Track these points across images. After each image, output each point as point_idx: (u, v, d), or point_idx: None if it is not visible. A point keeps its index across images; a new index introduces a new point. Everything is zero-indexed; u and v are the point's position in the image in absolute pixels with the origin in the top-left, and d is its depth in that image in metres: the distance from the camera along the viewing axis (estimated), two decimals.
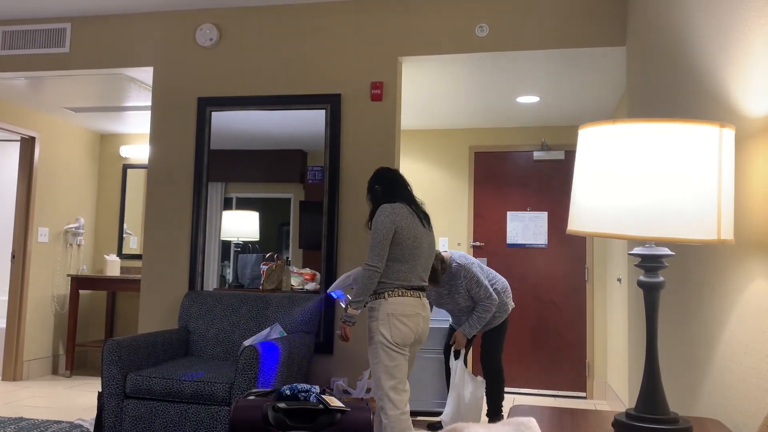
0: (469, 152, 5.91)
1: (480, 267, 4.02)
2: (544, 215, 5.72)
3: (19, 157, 5.71)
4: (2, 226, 6.40)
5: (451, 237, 5.87)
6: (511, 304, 4.14)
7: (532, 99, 4.89)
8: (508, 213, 5.79)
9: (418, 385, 4.46)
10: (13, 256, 5.60)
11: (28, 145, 5.68)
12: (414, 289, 2.93)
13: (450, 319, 4.30)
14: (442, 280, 3.97)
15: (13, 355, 5.50)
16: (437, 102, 5.04)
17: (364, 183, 3.95)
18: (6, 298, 5.79)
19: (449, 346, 4.15)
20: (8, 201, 6.30)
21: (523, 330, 5.67)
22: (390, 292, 2.87)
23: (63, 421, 4.32)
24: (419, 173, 6.00)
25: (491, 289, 3.94)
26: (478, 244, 5.80)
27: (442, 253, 3.99)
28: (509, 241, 5.76)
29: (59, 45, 4.43)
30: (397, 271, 2.89)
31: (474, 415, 3.69)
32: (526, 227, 5.74)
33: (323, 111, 4.03)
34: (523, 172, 5.80)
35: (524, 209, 5.76)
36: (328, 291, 3.25)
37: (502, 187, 5.83)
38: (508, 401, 5.26)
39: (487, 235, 5.81)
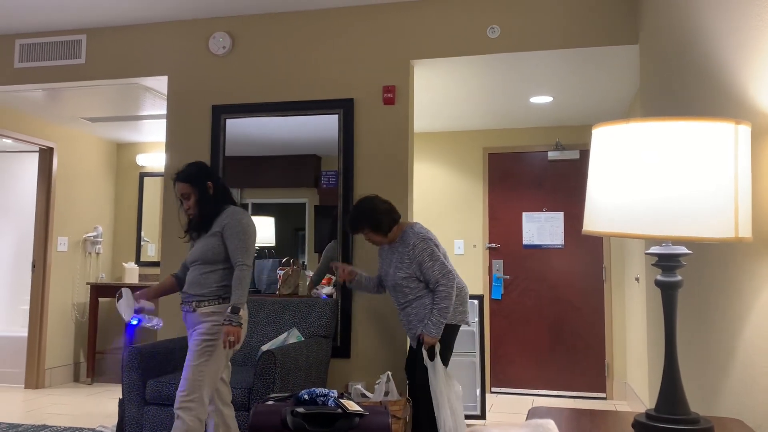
0: (483, 154, 5.90)
1: (441, 250, 3.40)
2: (560, 215, 5.69)
3: (38, 168, 5.79)
4: (23, 236, 6.49)
5: (467, 239, 5.86)
6: (469, 318, 3.58)
7: (545, 99, 4.87)
8: (524, 214, 5.76)
9: None
10: (33, 266, 5.67)
11: (46, 156, 5.75)
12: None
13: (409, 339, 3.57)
14: (395, 243, 3.41)
15: (35, 363, 5.57)
16: (450, 104, 5.04)
17: (378, 187, 3.96)
18: (27, 307, 5.87)
19: (411, 361, 3.46)
20: (28, 211, 6.39)
21: (541, 331, 5.64)
22: (229, 297, 2.88)
23: (85, 428, 4.38)
24: (433, 176, 5.99)
25: (449, 268, 3.29)
26: (493, 245, 5.79)
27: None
28: (525, 242, 5.73)
29: (75, 56, 4.49)
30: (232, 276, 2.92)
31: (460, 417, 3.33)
32: (542, 228, 5.72)
33: (336, 116, 4.05)
34: (538, 173, 5.78)
35: (540, 210, 5.73)
36: (129, 323, 3.07)
37: (517, 188, 5.81)
38: (527, 403, 5.23)
39: (503, 236, 5.79)
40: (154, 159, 6.46)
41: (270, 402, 2.33)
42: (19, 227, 6.54)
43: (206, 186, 2.91)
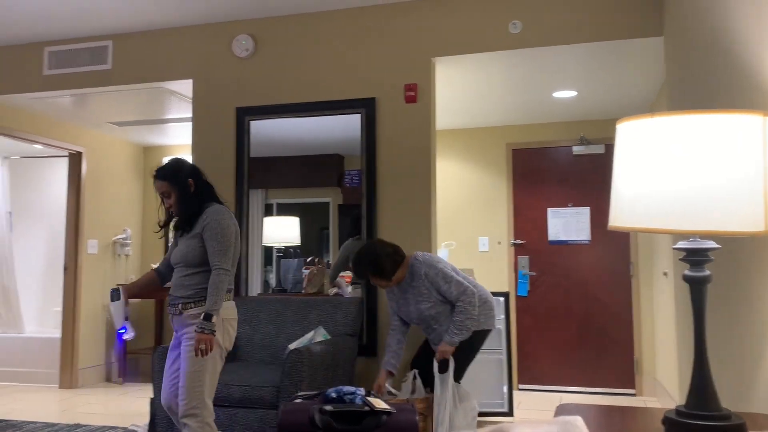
0: (507, 149, 5.87)
1: (449, 268, 3.43)
2: (586, 210, 5.63)
3: (68, 172, 5.91)
4: (54, 239, 6.63)
5: (491, 236, 5.84)
6: (495, 324, 3.57)
7: (569, 93, 4.83)
8: (549, 210, 5.72)
9: (481, 386, 4.40)
10: (65, 269, 5.79)
11: (75, 160, 5.87)
12: (231, 293, 2.85)
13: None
14: (405, 281, 3.41)
15: (68, 363, 5.68)
16: (472, 101, 5.02)
17: (401, 185, 3.96)
18: (60, 309, 5.99)
19: (418, 359, 3.58)
20: (59, 215, 6.52)
21: (568, 327, 5.60)
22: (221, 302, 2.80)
23: (118, 427, 4.46)
24: (456, 173, 5.98)
25: (466, 282, 3.34)
26: (519, 242, 5.76)
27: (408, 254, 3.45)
28: (551, 238, 5.69)
29: (102, 62, 4.57)
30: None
31: None
32: (567, 223, 5.67)
33: (359, 115, 4.06)
34: (563, 168, 5.73)
35: (565, 205, 5.69)
36: (121, 330, 2.99)
37: (542, 183, 5.77)
38: (555, 400, 5.20)
39: (528, 232, 5.76)
40: None
41: (298, 400, 2.35)
42: (50, 231, 6.68)
43: (186, 183, 2.81)
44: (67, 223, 5.83)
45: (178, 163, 2.86)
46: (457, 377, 3.36)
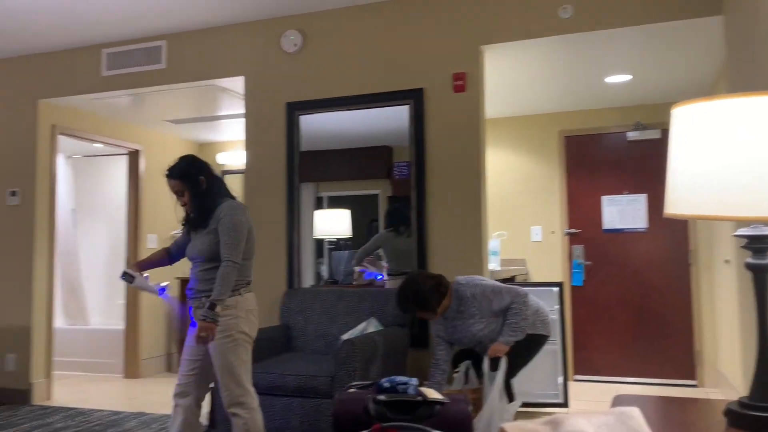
0: (559, 137, 5.76)
1: (492, 282, 3.39)
2: (643, 197, 5.49)
3: (127, 169, 6.12)
4: (116, 234, 6.88)
5: (544, 226, 5.75)
6: (551, 330, 3.53)
7: (623, 78, 4.70)
8: (603, 197, 5.60)
9: (535, 377, 4.36)
10: (127, 263, 6.01)
11: (134, 158, 6.07)
12: (250, 284, 2.91)
13: None
14: (451, 308, 3.36)
15: (132, 354, 5.91)
16: (523, 88, 4.95)
17: (451, 176, 3.95)
18: (123, 302, 6.23)
19: (465, 352, 3.57)
20: (120, 211, 6.77)
21: (625, 317, 5.47)
22: (244, 288, 2.84)
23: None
24: (507, 162, 5.91)
25: (515, 288, 3.30)
26: (573, 231, 5.65)
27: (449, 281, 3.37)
28: (606, 226, 5.57)
29: (156, 62, 4.70)
30: (247, 267, 2.88)
31: None
32: (623, 211, 5.54)
33: (407, 106, 4.06)
34: (618, 154, 5.60)
35: (620, 192, 5.55)
36: (161, 290, 3.00)
37: (596, 170, 5.64)
38: (612, 391, 5.10)
39: (582, 221, 5.65)
40: (234, 157, 6.68)
41: (352, 390, 2.38)
42: (112, 226, 6.94)
43: (198, 181, 2.84)
44: (127, 218, 6.05)
45: (188, 162, 2.88)
46: (510, 376, 3.33)
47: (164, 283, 2.97)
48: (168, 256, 3.02)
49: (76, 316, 6.56)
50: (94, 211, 7.02)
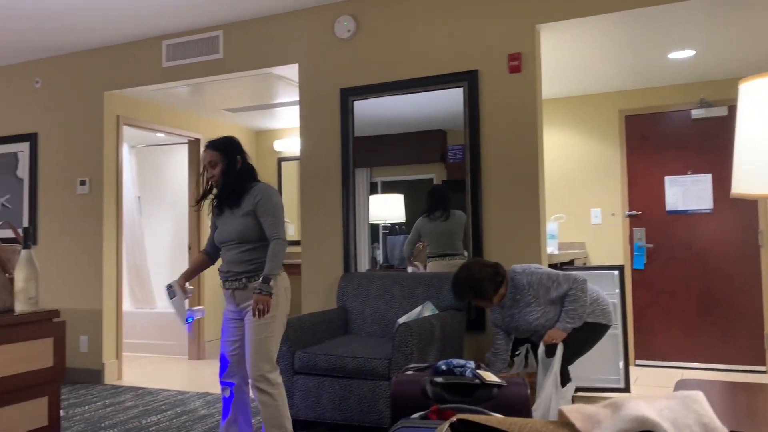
0: (619, 116, 5.60)
1: (547, 269, 3.38)
2: (708, 177, 5.29)
3: (188, 158, 6.30)
4: (178, 221, 7.11)
5: (604, 208, 5.62)
6: (612, 320, 3.46)
7: (686, 53, 4.52)
8: (666, 178, 5.42)
9: (595, 361, 4.29)
10: (189, 248, 6.20)
11: (194, 147, 6.24)
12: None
13: None
14: (507, 297, 3.34)
15: (196, 337, 6.12)
16: (580, 67, 4.83)
17: (507, 159, 3.90)
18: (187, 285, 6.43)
19: (525, 340, 3.53)
20: (182, 198, 6.98)
21: (689, 301, 5.31)
22: (280, 268, 2.91)
23: None
24: (565, 143, 5.79)
25: (573, 274, 3.26)
26: (634, 213, 5.51)
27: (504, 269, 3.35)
28: (669, 208, 5.40)
29: (214, 52, 4.81)
30: None
31: None
32: (687, 192, 5.35)
33: (461, 89, 4.03)
34: (681, 133, 5.40)
35: (684, 173, 5.37)
36: (187, 325, 3.05)
37: (658, 150, 5.47)
38: (675, 376, 4.97)
39: (644, 203, 5.49)
40: (290, 144, 6.78)
41: (409, 372, 2.41)
42: (174, 213, 7.17)
43: (235, 159, 2.93)
44: (189, 204, 6.23)
45: (231, 139, 3.00)
46: (567, 363, 3.30)
47: (198, 309, 3.06)
48: (208, 258, 3.12)
49: (142, 300, 6.83)
50: (158, 199, 7.27)
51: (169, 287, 2.98)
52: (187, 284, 3.05)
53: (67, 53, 5.44)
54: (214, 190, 3.01)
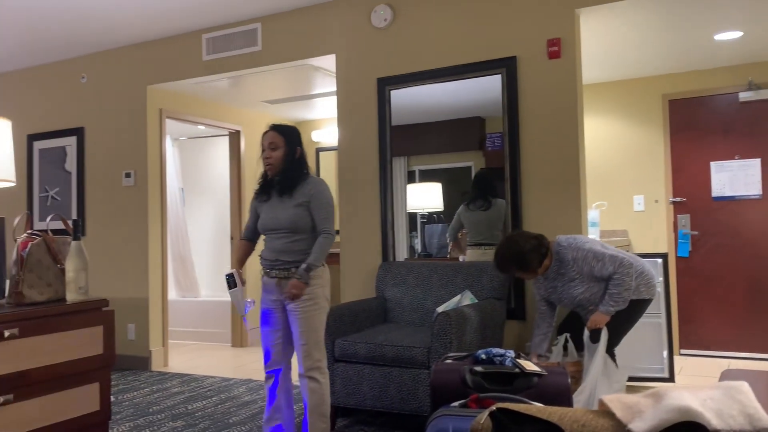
0: (663, 101, 5.46)
1: (597, 245, 3.28)
2: (757, 162, 5.13)
3: (229, 150, 6.40)
4: (220, 212, 7.24)
5: (647, 194, 5.51)
6: (655, 292, 3.38)
7: (733, 34, 4.38)
8: (712, 163, 5.28)
9: (639, 351, 4.24)
10: (231, 238, 6.32)
11: (234, 138, 6.33)
12: None
13: None
14: (551, 269, 3.30)
15: (238, 324, 6.24)
16: (621, 51, 4.72)
17: (546, 145, 3.85)
18: None
19: (567, 323, 3.51)
20: (223, 189, 7.10)
21: (736, 289, 5.17)
22: (324, 261, 2.92)
23: None
24: (606, 129, 5.68)
25: (620, 255, 3.17)
26: (678, 200, 5.38)
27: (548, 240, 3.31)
28: (715, 194, 5.26)
29: (253, 44, 4.86)
30: None
31: None
32: (734, 177, 5.20)
33: (499, 76, 3.99)
34: (728, 117, 5.24)
35: (731, 158, 5.21)
36: (244, 317, 3.04)
37: (703, 135, 5.32)
38: (721, 366, 4.86)
39: (689, 189, 5.36)
40: (328, 134, 6.82)
41: (449, 361, 2.42)
42: (217, 204, 7.30)
43: (295, 148, 2.94)
44: (230, 196, 6.34)
45: (294, 128, 3.03)
46: (612, 345, 3.27)
47: (251, 300, 3.03)
48: (250, 246, 3.13)
49: (187, 289, 6.99)
50: (200, 190, 7.41)
51: (230, 276, 2.94)
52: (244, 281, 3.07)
53: (111, 49, 5.58)
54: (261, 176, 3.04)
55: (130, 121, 5.46)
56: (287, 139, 2.92)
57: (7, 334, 2.19)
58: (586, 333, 3.20)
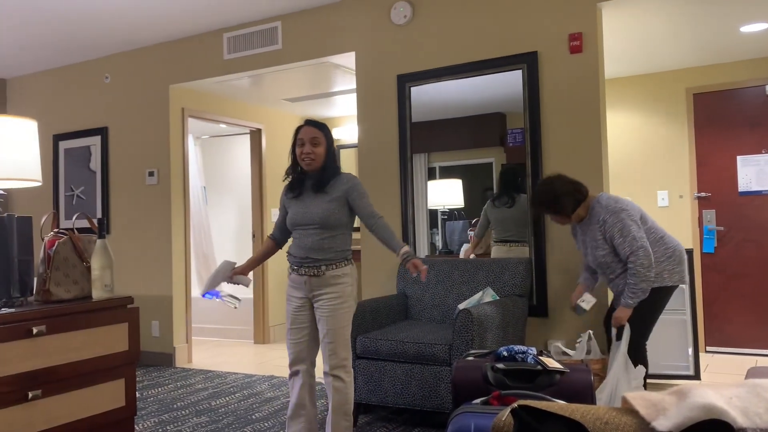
0: (687, 95, 5.38)
1: (636, 217, 3.18)
2: None
3: (250, 148, 6.44)
4: (242, 209, 7.30)
5: (671, 189, 5.43)
6: (686, 279, 3.30)
7: (759, 26, 4.30)
8: (739, 158, 5.19)
9: (664, 348, 4.19)
10: (253, 236, 6.36)
11: (256, 137, 6.37)
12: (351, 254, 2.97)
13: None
14: (584, 221, 3.29)
15: (261, 321, 6.29)
16: (644, 45, 4.66)
17: (568, 141, 3.82)
18: (252, 272, 6.60)
19: (610, 315, 3.45)
20: (245, 187, 7.16)
21: (763, 286, 5.09)
22: (351, 257, 2.92)
23: None
24: (629, 124, 5.61)
25: (642, 241, 3.09)
26: (703, 195, 5.30)
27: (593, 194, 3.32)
28: (741, 188, 5.17)
29: (273, 43, 4.89)
30: (351, 238, 2.95)
31: None
32: (762, 172, 5.11)
33: (520, 71, 3.96)
34: (754, 111, 5.15)
35: (758, 152, 5.12)
36: (202, 295, 2.99)
37: (729, 129, 5.23)
38: (748, 363, 4.78)
39: (714, 184, 5.28)
40: (348, 131, 6.84)
41: (470, 358, 2.41)
42: (239, 202, 7.36)
43: (333, 144, 2.93)
44: (252, 194, 6.39)
45: (328, 126, 2.98)
46: (641, 337, 3.22)
47: (231, 299, 3.01)
48: (276, 245, 3.12)
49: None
50: (222, 188, 7.48)
51: (227, 262, 3.00)
52: (250, 274, 3.07)
53: (134, 49, 5.64)
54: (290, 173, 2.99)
55: (153, 120, 5.53)
56: (326, 136, 2.90)
57: (35, 330, 2.24)
58: (614, 330, 3.16)
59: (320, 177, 2.86)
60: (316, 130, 2.86)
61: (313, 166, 2.85)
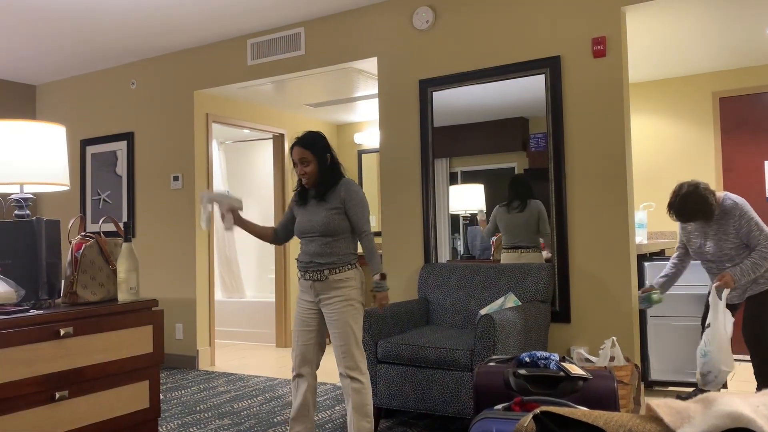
0: (713, 99, 5.31)
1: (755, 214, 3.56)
2: None
3: (273, 152, 6.49)
4: (265, 213, 7.35)
5: None
6: None
7: None
8: (766, 163, 5.10)
9: (689, 355, 4.15)
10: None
11: (278, 142, 6.42)
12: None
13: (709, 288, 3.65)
14: (715, 217, 3.54)
15: (282, 324, 6.32)
16: (668, 49, 4.61)
17: (592, 145, 3.79)
18: (273, 276, 6.66)
19: (705, 318, 3.69)
20: (268, 191, 7.21)
21: None
22: (357, 261, 2.99)
23: (327, 383, 4.87)
24: (654, 129, 5.55)
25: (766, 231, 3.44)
26: None
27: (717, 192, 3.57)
28: None
29: (296, 49, 4.93)
30: (354, 242, 3.02)
31: (727, 359, 3.40)
32: None
33: (542, 76, 3.94)
34: None
35: None
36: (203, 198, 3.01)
37: (757, 133, 5.15)
38: None
39: (741, 189, 5.19)
40: (370, 136, 6.86)
41: (492, 363, 2.40)
42: (262, 206, 7.42)
43: (325, 156, 2.96)
44: (275, 198, 6.43)
45: (318, 135, 3.03)
46: (761, 327, 3.49)
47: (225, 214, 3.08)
48: (273, 234, 3.19)
49: (233, 290, 7.12)
50: (246, 193, 7.54)
51: (228, 191, 3.07)
52: (229, 216, 3.10)
53: (160, 55, 5.73)
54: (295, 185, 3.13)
55: (178, 125, 5.60)
56: (314, 152, 2.96)
57: (62, 332, 2.28)
58: (712, 291, 3.43)
59: (318, 189, 2.99)
60: (303, 150, 2.96)
61: (310, 183, 2.99)
